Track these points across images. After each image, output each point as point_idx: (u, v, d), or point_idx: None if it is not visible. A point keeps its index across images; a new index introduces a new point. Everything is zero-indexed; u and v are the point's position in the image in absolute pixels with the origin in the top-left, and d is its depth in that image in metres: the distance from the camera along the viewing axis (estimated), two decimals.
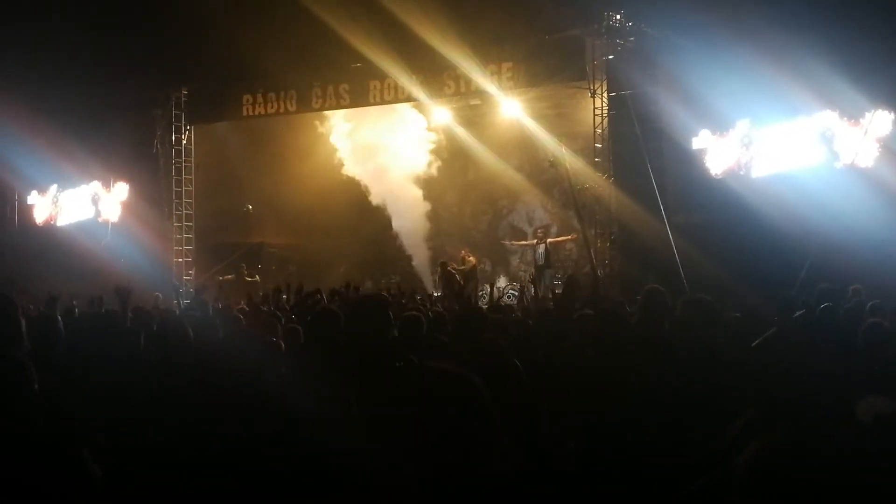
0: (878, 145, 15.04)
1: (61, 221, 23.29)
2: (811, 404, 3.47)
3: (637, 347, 4.92)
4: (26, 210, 23.90)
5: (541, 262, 19.27)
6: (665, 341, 5.02)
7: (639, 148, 16.97)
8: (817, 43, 13.79)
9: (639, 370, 4.51)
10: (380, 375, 4.28)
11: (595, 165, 17.87)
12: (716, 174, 16.60)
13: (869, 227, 13.57)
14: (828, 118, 15.46)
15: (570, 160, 18.45)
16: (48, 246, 22.18)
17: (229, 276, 20.50)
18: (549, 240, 19.67)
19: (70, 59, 20.39)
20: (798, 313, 7.90)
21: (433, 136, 22.05)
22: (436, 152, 22.18)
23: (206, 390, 4.62)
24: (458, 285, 17.04)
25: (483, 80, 18.12)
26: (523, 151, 21.41)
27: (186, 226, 22.27)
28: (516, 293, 17.99)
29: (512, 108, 19.19)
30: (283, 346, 6.26)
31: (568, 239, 20.40)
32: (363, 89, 19.85)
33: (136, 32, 20.08)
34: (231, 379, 4.71)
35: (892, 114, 15.02)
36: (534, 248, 19.89)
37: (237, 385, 4.55)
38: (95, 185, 22.62)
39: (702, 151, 16.74)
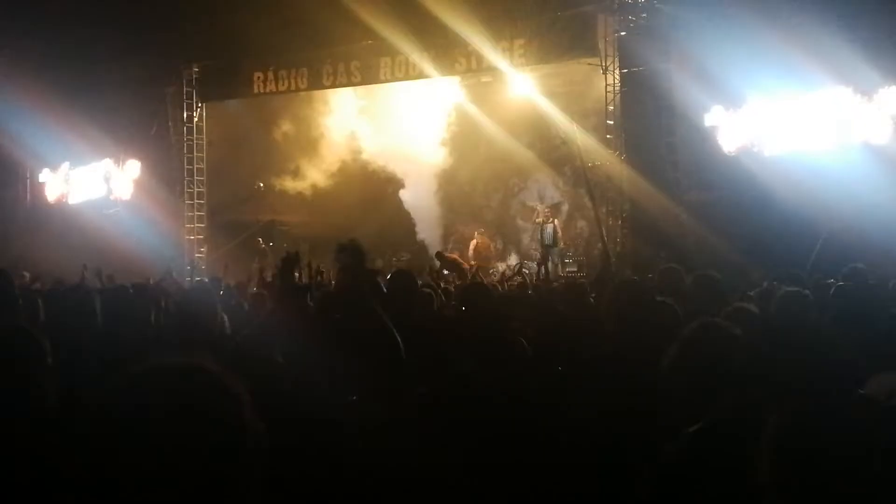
0: (892, 122, 14.93)
1: (73, 199, 23.36)
2: (822, 380, 3.45)
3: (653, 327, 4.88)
4: (38, 188, 23.95)
5: (548, 241, 19.25)
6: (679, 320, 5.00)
7: (651, 125, 16.92)
8: (831, 18, 13.71)
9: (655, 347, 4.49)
10: None
11: (607, 143, 17.81)
12: (728, 151, 16.50)
13: (883, 205, 13.51)
14: (842, 94, 15.33)
15: (582, 137, 18.43)
16: (60, 224, 22.27)
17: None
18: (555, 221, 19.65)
19: (82, 36, 20.40)
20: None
21: (445, 114, 22.00)
22: (448, 129, 22.14)
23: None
24: (462, 267, 17.13)
25: (495, 56, 18.05)
26: (535, 129, 21.34)
27: (198, 203, 22.34)
28: (527, 271, 18.01)
29: (523, 85, 19.13)
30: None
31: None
32: (374, 66, 19.81)
33: (148, 9, 20.06)
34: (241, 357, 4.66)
35: None
36: (541, 227, 19.87)
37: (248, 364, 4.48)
38: (107, 163, 22.67)
39: (714, 128, 16.64)
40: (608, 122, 17.71)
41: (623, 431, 3.83)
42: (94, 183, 22.93)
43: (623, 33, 17.24)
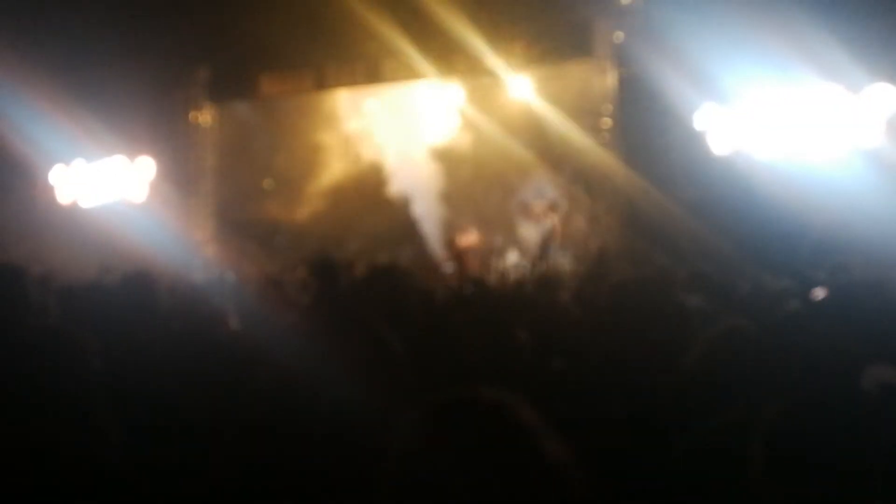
0: (882, 119, 15.07)
1: (84, 197, 23.40)
2: (816, 373, 3.56)
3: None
4: (49, 185, 23.96)
5: (545, 238, 19.40)
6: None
7: (648, 125, 17.10)
8: (825, 18, 13.85)
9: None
10: None
11: (603, 143, 18.00)
12: (722, 150, 16.68)
13: (876, 204, 13.64)
14: (833, 93, 15.48)
15: (579, 138, 18.62)
16: (71, 221, 22.35)
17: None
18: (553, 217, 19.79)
19: (93, 37, 20.48)
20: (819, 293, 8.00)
21: (446, 114, 22.18)
22: (448, 130, 22.32)
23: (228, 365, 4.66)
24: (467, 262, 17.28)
25: (494, 58, 18.25)
26: (533, 129, 21.49)
27: (207, 202, 22.58)
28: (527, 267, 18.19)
29: (523, 86, 19.31)
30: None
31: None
32: (377, 67, 20.03)
33: (158, 11, 20.16)
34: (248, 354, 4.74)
35: None
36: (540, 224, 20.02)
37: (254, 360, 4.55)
38: (118, 161, 22.71)
39: (709, 128, 16.82)
40: (605, 122, 17.90)
41: (627, 429, 3.90)
42: (105, 181, 23.00)
43: (621, 34, 17.45)
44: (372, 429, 3.93)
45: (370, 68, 20.20)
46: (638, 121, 17.21)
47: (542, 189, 22.80)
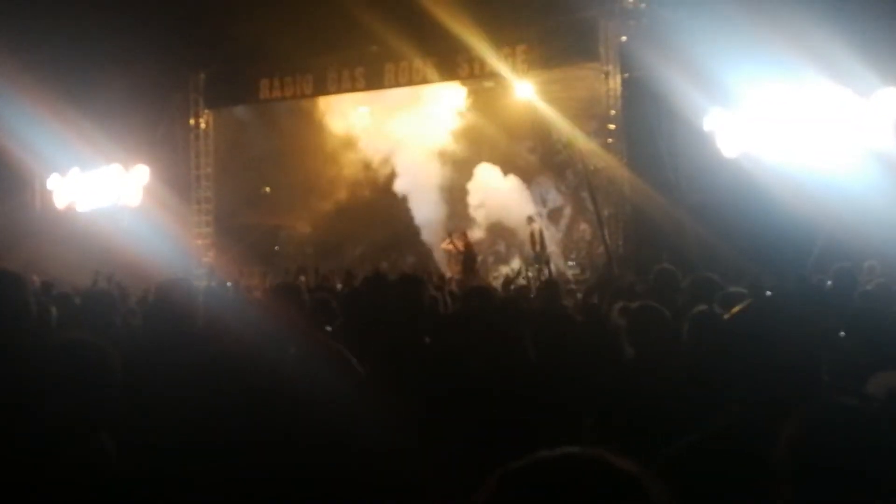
0: (891, 123, 14.99)
1: (82, 204, 23.38)
2: (822, 380, 3.48)
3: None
4: (47, 193, 23.97)
5: (538, 247, 19.33)
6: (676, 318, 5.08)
7: (652, 129, 17.01)
8: (830, 20, 13.77)
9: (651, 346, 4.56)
10: None
11: (608, 147, 17.93)
12: (729, 155, 16.60)
13: (884, 207, 13.55)
14: (842, 97, 15.40)
15: (584, 142, 18.55)
16: (69, 228, 22.31)
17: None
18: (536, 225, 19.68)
19: (90, 43, 20.49)
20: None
21: (448, 119, 22.13)
22: (451, 134, 22.28)
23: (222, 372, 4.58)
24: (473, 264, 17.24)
25: (497, 62, 18.19)
26: (537, 133, 21.47)
27: (205, 208, 22.49)
28: (531, 274, 18.13)
29: (525, 90, 19.23)
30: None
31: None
32: (378, 72, 20.00)
33: (155, 16, 20.16)
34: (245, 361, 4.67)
35: None
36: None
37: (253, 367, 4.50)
38: (115, 169, 22.70)
39: (715, 132, 16.73)
40: (610, 126, 17.84)
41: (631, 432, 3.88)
42: (103, 188, 22.96)
43: (624, 38, 17.37)
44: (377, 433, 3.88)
45: (371, 73, 20.13)
46: (643, 124, 17.11)
47: (546, 195, 22.77)
